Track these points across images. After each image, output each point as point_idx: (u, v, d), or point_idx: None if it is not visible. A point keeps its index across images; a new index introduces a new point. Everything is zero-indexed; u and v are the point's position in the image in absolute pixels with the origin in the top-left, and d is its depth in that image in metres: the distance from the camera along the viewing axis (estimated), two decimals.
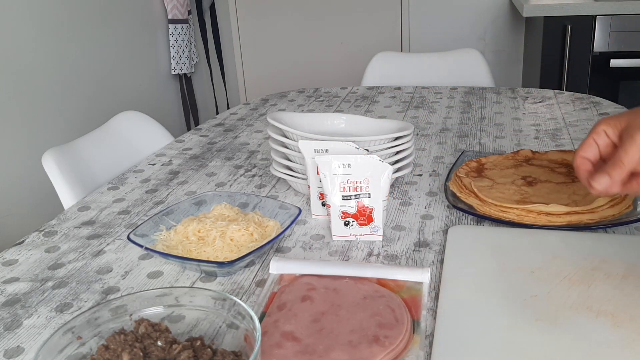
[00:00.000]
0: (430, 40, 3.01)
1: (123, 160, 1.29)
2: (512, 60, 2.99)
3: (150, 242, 0.82)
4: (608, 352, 0.59)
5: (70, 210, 1.03)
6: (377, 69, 1.92)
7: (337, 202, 0.85)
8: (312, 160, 0.89)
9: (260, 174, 1.14)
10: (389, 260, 0.81)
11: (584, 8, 2.22)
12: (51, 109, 2.03)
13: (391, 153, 0.97)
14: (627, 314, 0.64)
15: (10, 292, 0.78)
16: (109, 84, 2.35)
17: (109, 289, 0.78)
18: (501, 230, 0.85)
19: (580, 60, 2.29)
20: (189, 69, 2.79)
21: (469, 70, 1.87)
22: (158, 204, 1.04)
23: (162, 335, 0.58)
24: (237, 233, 0.81)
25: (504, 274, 0.73)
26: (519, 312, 0.65)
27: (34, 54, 1.94)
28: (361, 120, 1.07)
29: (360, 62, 2.55)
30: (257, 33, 3.22)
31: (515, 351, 0.60)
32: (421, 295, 0.71)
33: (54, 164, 1.16)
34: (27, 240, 0.93)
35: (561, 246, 0.78)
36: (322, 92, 1.72)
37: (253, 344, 0.55)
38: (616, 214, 0.85)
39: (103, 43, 2.31)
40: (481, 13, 2.94)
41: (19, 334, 0.70)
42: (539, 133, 1.27)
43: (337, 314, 0.67)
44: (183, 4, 2.71)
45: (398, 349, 0.62)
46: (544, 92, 1.59)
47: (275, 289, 0.74)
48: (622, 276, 0.71)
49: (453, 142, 1.25)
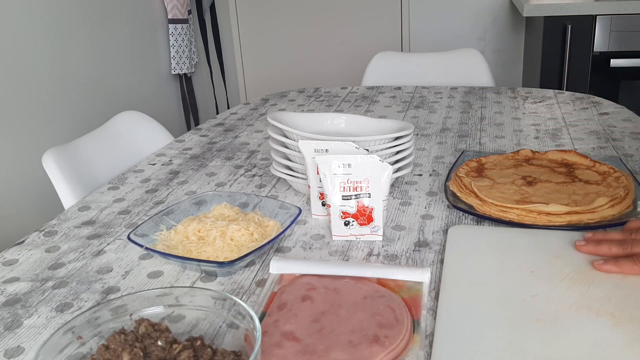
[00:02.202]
0: (430, 40, 3.01)
1: (123, 160, 1.29)
2: (512, 60, 2.99)
3: (151, 242, 0.82)
4: (608, 352, 0.59)
5: (70, 210, 1.03)
6: (377, 68, 1.92)
7: (337, 202, 0.85)
8: (312, 160, 0.89)
9: (260, 173, 1.14)
10: (389, 260, 0.81)
11: (584, 8, 2.22)
12: (51, 109, 2.02)
13: (391, 153, 0.97)
14: (627, 314, 0.64)
15: (10, 292, 0.78)
16: (109, 83, 2.35)
17: (109, 289, 0.78)
18: (501, 230, 0.85)
19: (581, 60, 2.29)
20: (189, 69, 2.79)
21: (469, 70, 1.87)
22: (158, 203, 1.04)
23: (162, 335, 0.58)
24: (237, 233, 0.81)
25: (504, 273, 0.73)
26: (519, 312, 0.65)
27: (34, 54, 1.94)
28: (361, 120, 1.07)
29: (360, 62, 2.55)
30: (257, 33, 3.22)
31: (515, 351, 0.60)
32: (421, 295, 0.71)
33: (54, 164, 1.16)
34: (27, 240, 0.93)
35: (561, 246, 0.78)
36: (322, 92, 1.72)
37: (253, 343, 0.55)
38: (616, 214, 0.85)
39: (103, 43, 2.31)
40: (481, 13, 2.94)
41: (19, 334, 0.70)
42: (539, 133, 1.27)
43: (337, 313, 0.67)
44: (183, 3, 2.71)
45: (398, 348, 0.62)
46: (544, 91, 1.59)
47: (275, 289, 0.74)
48: (622, 276, 0.71)
49: (453, 142, 1.25)
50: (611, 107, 1.42)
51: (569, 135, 1.24)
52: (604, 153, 1.13)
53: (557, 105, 1.46)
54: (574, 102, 1.47)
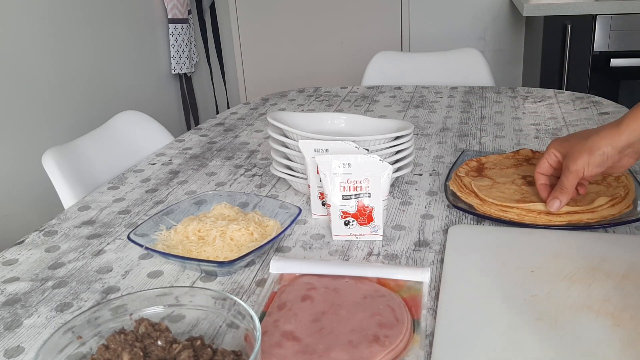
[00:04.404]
0: (430, 40, 3.01)
1: (123, 160, 1.29)
2: (512, 59, 2.99)
3: (151, 241, 0.82)
4: (608, 352, 0.59)
5: (70, 210, 1.03)
6: (377, 68, 1.92)
7: (337, 202, 0.85)
8: (312, 159, 0.89)
9: (260, 173, 1.14)
10: (389, 259, 0.81)
11: (584, 7, 2.22)
12: (51, 109, 2.02)
13: (391, 152, 0.97)
14: (627, 313, 0.64)
15: (10, 291, 0.78)
16: (109, 83, 2.35)
17: (109, 289, 0.78)
18: (501, 229, 0.85)
19: (581, 59, 2.29)
20: (189, 69, 2.79)
21: (469, 69, 1.87)
22: (158, 203, 1.04)
23: (162, 335, 0.58)
24: (237, 233, 0.81)
25: (504, 273, 0.73)
26: (519, 312, 0.65)
27: (34, 54, 1.94)
28: (361, 119, 1.07)
29: (360, 61, 2.56)
30: (257, 33, 3.22)
31: (515, 351, 0.60)
32: (421, 294, 0.71)
33: (54, 163, 1.16)
34: (27, 240, 0.93)
35: (561, 246, 0.78)
36: (322, 91, 1.72)
37: (253, 343, 0.55)
38: (616, 214, 0.85)
39: (103, 43, 2.31)
40: (481, 13, 2.94)
41: (19, 334, 0.70)
42: (539, 132, 1.27)
43: (337, 313, 0.67)
44: (183, 3, 2.71)
45: (398, 348, 0.62)
46: (544, 91, 1.59)
47: (275, 289, 0.74)
48: (622, 276, 0.71)
49: (453, 142, 1.25)
50: (611, 106, 1.42)
51: None
52: None
53: (557, 105, 1.46)
54: (574, 102, 1.47)
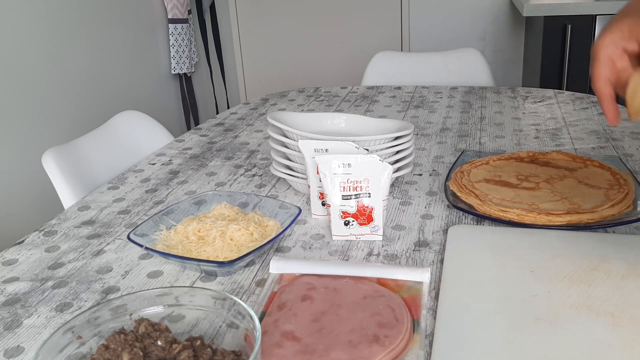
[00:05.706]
0: (430, 40, 3.01)
1: (123, 159, 1.29)
2: (512, 60, 2.99)
3: (150, 241, 0.82)
4: (608, 352, 0.59)
5: (70, 210, 1.03)
6: (377, 68, 1.92)
7: (337, 202, 0.85)
8: (312, 159, 0.89)
9: (260, 173, 1.14)
10: (389, 259, 0.81)
11: (584, 8, 2.22)
12: (51, 109, 2.02)
13: (391, 153, 0.97)
14: (627, 313, 0.64)
15: (10, 291, 0.78)
16: (109, 84, 2.35)
17: (109, 289, 0.78)
18: (501, 229, 0.85)
19: (580, 59, 2.29)
20: (189, 69, 2.79)
21: (469, 69, 1.87)
22: (158, 203, 1.04)
23: (162, 335, 0.58)
24: (237, 233, 0.81)
25: (504, 273, 0.73)
26: (519, 312, 0.65)
27: (34, 54, 1.94)
28: (361, 119, 1.07)
29: (360, 61, 2.56)
30: (257, 33, 3.22)
31: (515, 351, 0.60)
32: (421, 294, 0.71)
33: (54, 163, 1.16)
34: (27, 240, 0.93)
35: (561, 246, 0.78)
36: (322, 91, 1.72)
37: (253, 343, 0.55)
38: (616, 214, 0.85)
39: (103, 43, 2.31)
40: (481, 13, 2.94)
41: (19, 334, 0.70)
42: (539, 133, 1.27)
43: (337, 313, 0.67)
44: (183, 3, 2.71)
45: (398, 348, 0.61)
46: (544, 91, 1.59)
47: (275, 289, 0.74)
48: (622, 276, 0.71)
49: (453, 142, 1.25)
50: None
51: (569, 135, 1.24)
52: (604, 153, 1.13)
53: (557, 105, 1.46)
54: (574, 102, 1.47)
